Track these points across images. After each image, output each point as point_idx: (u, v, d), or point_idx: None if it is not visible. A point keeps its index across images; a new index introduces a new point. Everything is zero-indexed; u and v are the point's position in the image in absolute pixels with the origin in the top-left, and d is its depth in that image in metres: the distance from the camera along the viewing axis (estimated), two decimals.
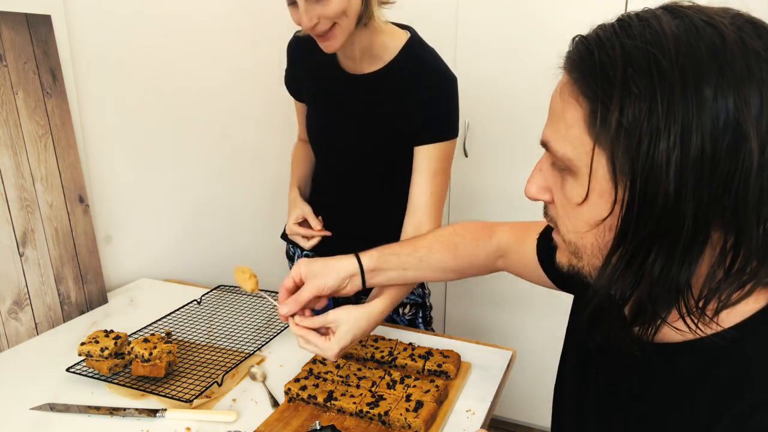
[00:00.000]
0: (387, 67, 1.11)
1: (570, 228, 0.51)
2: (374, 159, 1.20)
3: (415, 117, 1.09)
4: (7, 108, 1.10)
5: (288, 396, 0.91)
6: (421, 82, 1.09)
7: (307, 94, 1.26)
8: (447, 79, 1.10)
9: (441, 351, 1.02)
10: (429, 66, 1.10)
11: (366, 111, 1.16)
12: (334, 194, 1.29)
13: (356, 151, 1.20)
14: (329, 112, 1.21)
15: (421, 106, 1.08)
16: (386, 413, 0.84)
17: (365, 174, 1.23)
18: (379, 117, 1.14)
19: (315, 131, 1.26)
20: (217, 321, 1.19)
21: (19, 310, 1.13)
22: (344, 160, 1.23)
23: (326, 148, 1.26)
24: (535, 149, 0.54)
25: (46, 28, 1.16)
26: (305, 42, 1.20)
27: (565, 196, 0.51)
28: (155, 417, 0.87)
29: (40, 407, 0.90)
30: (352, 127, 1.18)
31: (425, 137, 1.10)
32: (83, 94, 1.28)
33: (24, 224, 1.13)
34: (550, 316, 1.91)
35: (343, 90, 1.17)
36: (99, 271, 1.29)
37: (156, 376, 0.94)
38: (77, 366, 0.97)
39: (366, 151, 1.19)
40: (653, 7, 0.47)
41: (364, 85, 1.13)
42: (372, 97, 1.14)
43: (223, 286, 1.36)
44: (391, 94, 1.11)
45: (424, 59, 1.10)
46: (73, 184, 1.23)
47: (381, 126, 1.15)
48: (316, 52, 1.09)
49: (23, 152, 1.13)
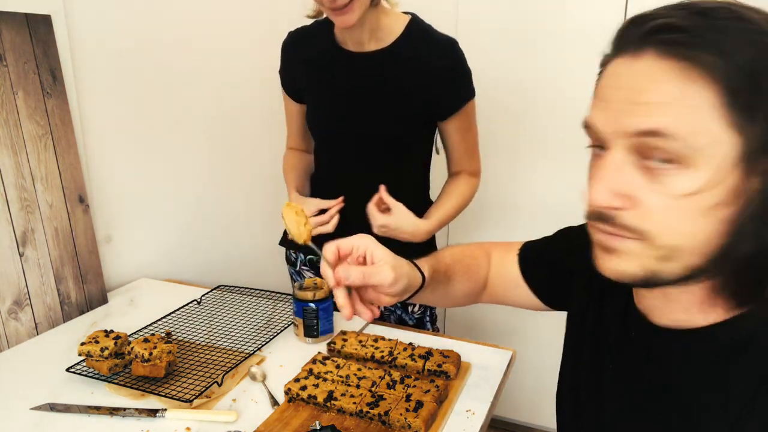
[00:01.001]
0: (394, 44, 1.14)
1: (671, 228, 0.46)
2: (384, 140, 1.19)
3: (433, 89, 1.13)
4: (7, 108, 1.10)
5: (288, 396, 0.91)
6: (430, 51, 1.13)
7: (310, 87, 1.24)
8: (452, 43, 1.16)
9: (441, 351, 1.02)
10: (434, 35, 1.16)
11: (376, 87, 1.16)
12: (338, 188, 1.26)
13: (368, 130, 1.18)
14: (337, 96, 1.20)
15: (435, 77, 1.13)
16: (386, 413, 0.84)
17: (373, 161, 1.22)
18: (389, 93, 1.16)
19: (322, 122, 1.23)
20: (217, 321, 1.19)
21: (19, 310, 1.13)
22: (353, 146, 1.21)
23: (335, 136, 1.23)
24: (535, 149, 0.54)
25: (46, 28, 1.16)
26: (301, 36, 1.23)
27: (663, 193, 0.45)
28: (155, 417, 0.87)
29: (40, 407, 0.90)
30: (362, 106, 1.17)
31: (452, 107, 1.16)
32: (83, 94, 1.28)
33: (24, 224, 1.13)
34: (550, 316, 1.90)
35: (351, 71, 1.17)
36: (99, 271, 1.29)
37: (156, 376, 0.94)
38: (77, 366, 0.97)
39: (377, 131, 1.18)
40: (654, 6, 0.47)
41: (373, 62, 1.15)
42: (381, 72, 1.15)
43: (223, 286, 1.36)
44: (401, 68, 1.14)
45: (428, 30, 1.16)
46: (73, 184, 1.23)
47: (392, 102, 1.16)
48: (314, 43, 1.13)
49: (23, 152, 1.13)
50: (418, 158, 1.27)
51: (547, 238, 0.82)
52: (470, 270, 0.83)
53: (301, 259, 1.37)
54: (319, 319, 1.09)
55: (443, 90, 1.14)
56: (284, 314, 1.23)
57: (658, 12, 0.46)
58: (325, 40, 1.19)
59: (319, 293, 1.09)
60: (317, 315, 1.09)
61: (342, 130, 1.21)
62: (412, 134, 1.19)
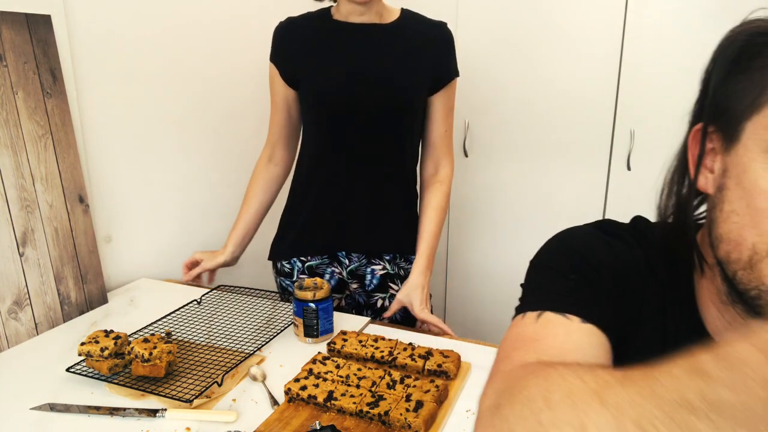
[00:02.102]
0: (394, 21, 1.24)
1: (760, 228, 0.43)
2: (387, 113, 1.23)
3: (432, 56, 1.23)
4: (7, 108, 1.10)
5: (288, 396, 0.91)
6: (426, 26, 1.25)
7: (309, 64, 1.25)
8: (444, 23, 1.27)
9: (441, 351, 1.02)
10: (426, 19, 1.27)
11: (381, 56, 1.22)
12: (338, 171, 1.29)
13: (371, 102, 1.22)
14: (341, 66, 1.23)
15: (435, 44, 1.24)
16: (386, 413, 0.84)
17: (373, 138, 1.25)
18: (395, 60, 1.23)
19: (324, 96, 1.24)
20: (217, 321, 1.19)
21: (19, 310, 1.13)
22: (353, 120, 1.23)
23: (338, 108, 1.24)
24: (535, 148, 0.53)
25: (46, 28, 1.16)
26: (296, 21, 1.29)
27: (747, 188, 0.44)
28: (155, 417, 0.87)
29: (40, 407, 0.90)
30: (367, 77, 1.21)
31: (449, 75, 1.27)
32: (83, 94, 1.28)
33: (24, 224, 1.13)
34: None
35: (355, 40, 1.23)
36: (99, 271, 1.29)
37: (156, 376, 0.94)
38: (77, 366, 0.97)
39: (381, 102, 1.22)
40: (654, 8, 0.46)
41: (377, 31, 1.23)
42: (386, 41, 1.23)
43: (223, 286, 1.36)
44: (404, 39, 1.23)
45: (420, 15, 1.28)
46: (73, 184, 1.23)
47: (396, 69, 1.22)
48: (311, 24, 1.25)
49: (23, 152, 1.13)
50: (411, 146, 1.31)
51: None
52: None
53: (298, 267, 1.35)
54: (319, 319, 1.09)
55: (441, 58, 1.25)
56: (284, 314, 1.23)
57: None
58: (324, 21, 1.26)
59: (319, 293, 1.09)
60: (317, 315, 1.09)
61: (345, 102, 1.22)
62: (411, 110, 1.25)
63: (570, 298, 0.53)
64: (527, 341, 0.50)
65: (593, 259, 0.56)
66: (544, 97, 1.81)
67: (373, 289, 1.34)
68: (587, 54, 1.74)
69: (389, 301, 1.33)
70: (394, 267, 1.33)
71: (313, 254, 1.34)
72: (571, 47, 1.74)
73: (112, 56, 1.33)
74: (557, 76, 1.78)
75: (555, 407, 0.33)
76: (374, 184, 1.28)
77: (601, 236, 0.58)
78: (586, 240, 0.58)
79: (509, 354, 0.49)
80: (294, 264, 1.35)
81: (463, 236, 2.05)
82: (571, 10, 1.71)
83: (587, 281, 0.55)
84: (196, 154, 1.62)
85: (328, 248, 1.33)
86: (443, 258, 2.10)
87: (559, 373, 0.36)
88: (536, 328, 0.51)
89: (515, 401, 0.37)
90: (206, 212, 1.68)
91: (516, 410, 0.36)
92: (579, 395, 0.33)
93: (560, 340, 0.49)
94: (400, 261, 1.33)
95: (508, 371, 0.44)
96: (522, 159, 1.88)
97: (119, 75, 1.36)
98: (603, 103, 1.78)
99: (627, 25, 1.67)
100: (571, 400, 0.33)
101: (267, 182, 1.39)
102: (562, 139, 1.81)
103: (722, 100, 0.47)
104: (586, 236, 0.57)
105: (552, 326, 0.51)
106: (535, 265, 0.60)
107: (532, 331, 0.51)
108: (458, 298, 2.11)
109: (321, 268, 1.34)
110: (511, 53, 1.81)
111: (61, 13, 1.20)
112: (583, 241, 0.58)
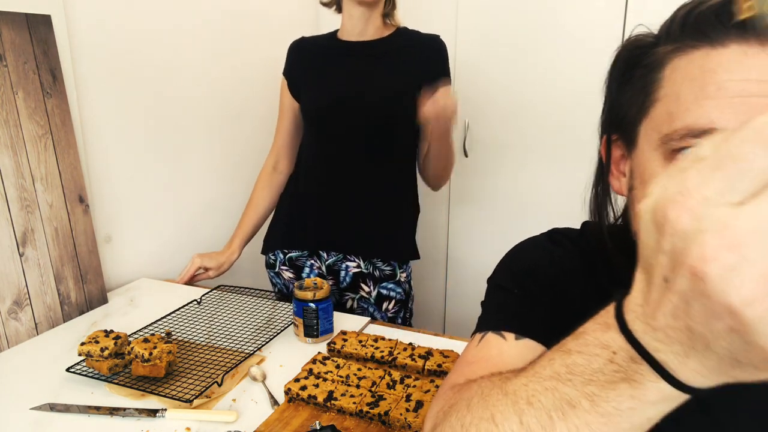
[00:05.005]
0: (389, 35, 1.31)
1: None
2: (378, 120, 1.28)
3: (423, 60, 1.28)
4: (7, 108, 1.10)
5: (288, 396, 0.91)
6: (420, 37, 1.31)
7: (310, 76, 1.33)
8: (436, 38, 1.32)
9: (441, 351, 1.02)
10: (420, 33, 1.32)
11: (374, 65, 1.28)
12: (330, 173, 1.36)
13: (364, 109, 1.27)
14: (337, 76, 1.30)
15: (427, 49, 1.29)
16: (386, 413, 0.84)
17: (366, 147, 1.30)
18: (387, 68, 1.29)
19: (322, 102, 1.31)
20: (217, 321, 1.19)
21: (19, 310, 1.13)
22: (347, 129, 1.30)
23: (332, 116, 1.31)
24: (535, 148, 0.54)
25: (46, 28, 1.16)
26: (308, 40, 1.38)
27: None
28: (155, 417, 0.87)
29: (40, 407, 0.90)
30: (360, 86, 1.28)
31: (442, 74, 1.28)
32: (83, 94, 1.28)
33: (24, 224, 1.13)
34: None
35: (351, 54, 1.30)
36: (99, 271, 1.29)
37: (156, 376, 0.94)
38: (77, 366, 0.97)
39: (372, 110, 1.27)
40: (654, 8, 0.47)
41: (372, 45, 1.30)
42: (379, 52, 1.29)
43: (223, 286, 1.36)
44: (397, 49, 1.29)
45: (414, 31, 1.33)
46: (73, 184, 1.23)
47: (389, 78, 1.28)
48: (318, 42, 1.33)
49: (23, 152, 1.13)
50: (407, 155, 1.35)
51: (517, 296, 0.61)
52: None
53: (280, 259, 1.43)
54: (319, 319, 1.09)
55: (431, 65, 1.29)
56: (284, 314, 1.23)
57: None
58: (329, 40, 1.34)
59: (319, 293, 1.09)
60: (317, 315, 1.09)
61: (339, 111, 1.29)
62: (402, 121, 1.28)
63: (508, 315, 0.58)
64: (464, 365, 0.55)
65: (535, 271, 0.60)
66: (544, 97, 1.81)
67: (345, 287, 1.38)
68: (587, 54, 1.74)
69: (358, 302, 1.38)
70: (368, 266, 1.36)
71: (296, 248, 1.41)
72: (571, 48, 1.74)
73: (112, 56, 1.33)
74: (557, 77, 1.78)
75: (473, 409, 0.41)
76: (363, 190, 1.34)
77: (547, 246, 0.62)
78: (530, 253, 0.61)
79: (449, 378, 0.55)
80: (277, 255, 1.42)
81: (463, 236, 2.05)
82: (571, 11, 1.71)
83: (528, 294, 0.59)
84: (196, 154, 1.62)
85: (308, 245, 1.40)
86: (443, 258, 2.11)
87: (478, 383, 0.44)
88: (476, 351, 0.56)
89: (448, 417, 0.43)
90: (206, 212, 1.68)
91: (447, 425, 0.43)
92: (488, 393, 0.41)
93: (493, 363, 0.53)
94: (376, 261, 1.36)
95: (442, 394, 0.51)
96: (522, 159, 1.88)
97: (119, 75, 1.36)
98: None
99: (627, 25, 1.67)
100: (484, 399, 0.40)
101: (271, 190, 1.46)
102: (562, 139, 1.81)
103: (618, 110, 0.52)
104: (531, 248, 0.60)
105: (488, 348, 0.56)
106: (489, 283, 0.64)
107: (471, 355, 0.56)
108: (458, 298, 2.11)
109: (300, 260, 1.40)
110: (511, 53, 1.82)
111: (61, 13, 1.20)
112: (527, 254, 0.62)
